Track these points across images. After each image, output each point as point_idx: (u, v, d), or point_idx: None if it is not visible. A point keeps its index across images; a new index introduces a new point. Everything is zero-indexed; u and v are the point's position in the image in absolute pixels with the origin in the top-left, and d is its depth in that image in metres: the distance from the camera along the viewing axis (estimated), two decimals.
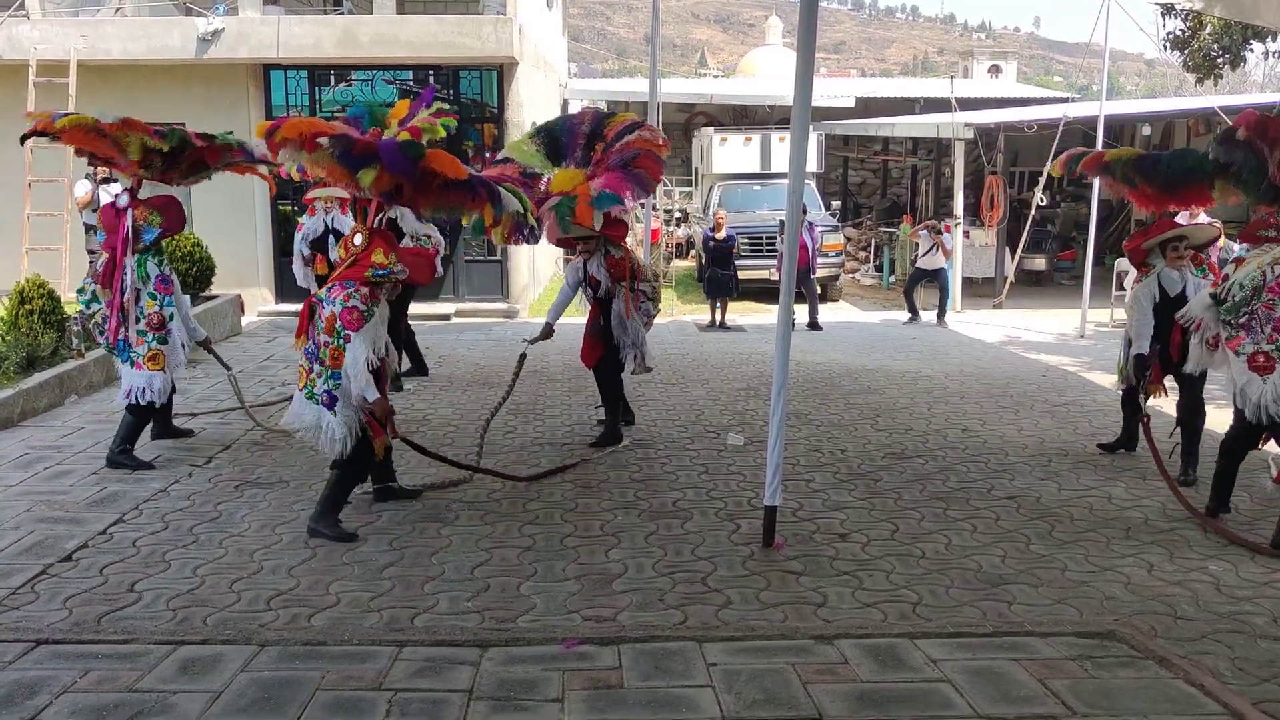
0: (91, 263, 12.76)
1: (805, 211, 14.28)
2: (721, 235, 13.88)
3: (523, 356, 7.55)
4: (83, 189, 12.67)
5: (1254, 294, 5.40)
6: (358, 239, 5.46)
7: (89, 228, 12.85)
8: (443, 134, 7.14)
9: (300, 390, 5.47)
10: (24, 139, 6.92)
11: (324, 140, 5.04)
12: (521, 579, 4.98)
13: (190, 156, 6.74)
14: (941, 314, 14.23)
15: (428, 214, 5.72)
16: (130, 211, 6.67)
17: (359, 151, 5.10)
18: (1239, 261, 5.62)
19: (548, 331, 7.49)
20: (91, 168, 12.63)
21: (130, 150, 6.46)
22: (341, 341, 5.28)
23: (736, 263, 14.25)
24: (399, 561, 5.19)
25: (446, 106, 7.91)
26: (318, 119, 5.46)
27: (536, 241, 7.48)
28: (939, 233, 14.39)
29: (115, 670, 3.99)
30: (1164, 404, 7.01)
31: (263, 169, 7.24)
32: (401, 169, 5.13)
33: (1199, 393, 6.61)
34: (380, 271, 5.36)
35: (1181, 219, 7.37)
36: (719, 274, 13.87)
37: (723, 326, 13.75)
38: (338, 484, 5.60)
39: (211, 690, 3.84)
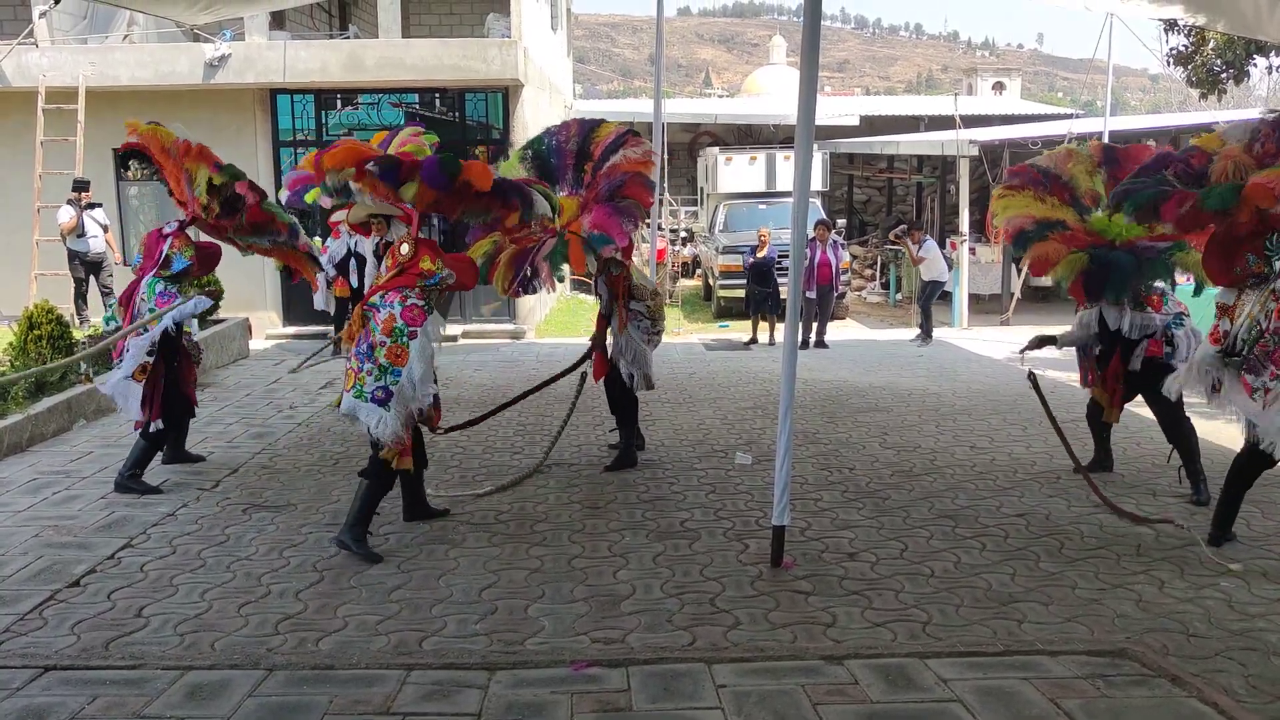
0: (79, 285, 12.88)
1: (831, 228, 14.37)
2: (763, 253, 13.91)
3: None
4: (66, 214, 12.79)
5: (1256, 342, 5.26)
6: (404, 248, 5.59)
7: (73, 254, 12.97)
8: (428, 151, 7.22)
9: (348, 391, 5.56)
10: (125, 159, 7.09)
11: (371, 166, 5.40)
12: (529, 601, 4.96)
13: (244, 212, 6.86)
14: (923, 333, 14.14)
15: (466, 220, 5.91)
16: (171, 239, 6.79)
17: (402, 172, 5.45)
18: (1224, 309, 5.47)
19: None
20: (75, 194, 12.77)
21: (197, 183, 6.60)
22: (406, 339, 5.48)
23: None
24: (406, 584, 5.18)
25: (422, 130, 8.03)
26: (360, 143, 5.69)
27: (536, 292, 7.53)
28: (899, 238, 14.47)
29: (123, 696, 3.98)
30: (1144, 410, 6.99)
31: (311, 267, 7.54)
32: (439, 184, 5.48)
33: (1178, 411, 6.57)
34: (431, 280, 5.55)
35: None
36: (758, 291, 13.93)
37: (765, 343, 13.81)
38: (367, 494, 5.65)
39: (219, 715, 3.83)
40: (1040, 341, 7.08)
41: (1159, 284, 6.55)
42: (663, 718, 3.80)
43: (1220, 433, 7.49)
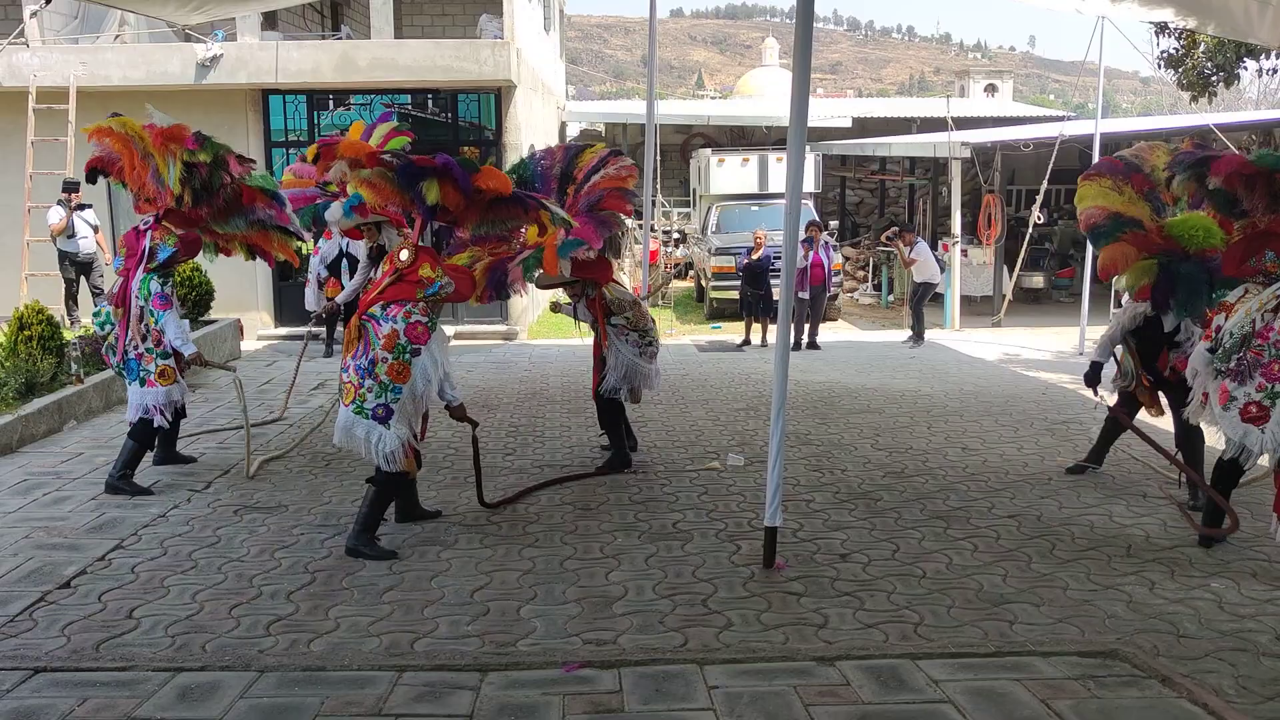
0: (94, 290, 12.85)
1: (823, 230, 14.40)
2: (758, 255, 13.94)
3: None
4: (56, 215, 12.74)
5: (1244, 341, 5.29)
6: (404, 254, 5.54)
7: (63, 255, 12.93)
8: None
9: (347, 405, 5.51)
10: (90, 176, 6.94)
11: (388, 156, 5.32)
12: (521, 602, 4.96)
13: (224, 191, 6.78)
14: (915, 335, 14.16)
15: (474, 232, 5.84)
16: (150, 233, 6.74)
17: (419, 165, 5.35)
18: (1225, 307, 5.52)
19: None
20: (65, 195, 12.72)
21: (166, 175, 6.53)
22: (408, 357, 5.43)
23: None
24: (398, 585, 5.17)
25: (396, 125, 7.97)
26: (369, 144, 5.63)
27: (508, 298, 7.52)
28: (890, 240, 14.50)
29: (113, 698, 3.97)
30: (1163, 420, 7.01)
31: (290, 242, 7.37)
32: (461, 183, 5.36)
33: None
34: (431, 288, 5.50)
35: None
36: (751, 293, 13.99)
37: (759, 344, 13.85)
38: (374, 500, 5.65)
39: (211, 717, 3.82)
40: (1096, 374, 6.78)
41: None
42: (655, 719, 3.81)
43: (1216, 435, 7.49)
